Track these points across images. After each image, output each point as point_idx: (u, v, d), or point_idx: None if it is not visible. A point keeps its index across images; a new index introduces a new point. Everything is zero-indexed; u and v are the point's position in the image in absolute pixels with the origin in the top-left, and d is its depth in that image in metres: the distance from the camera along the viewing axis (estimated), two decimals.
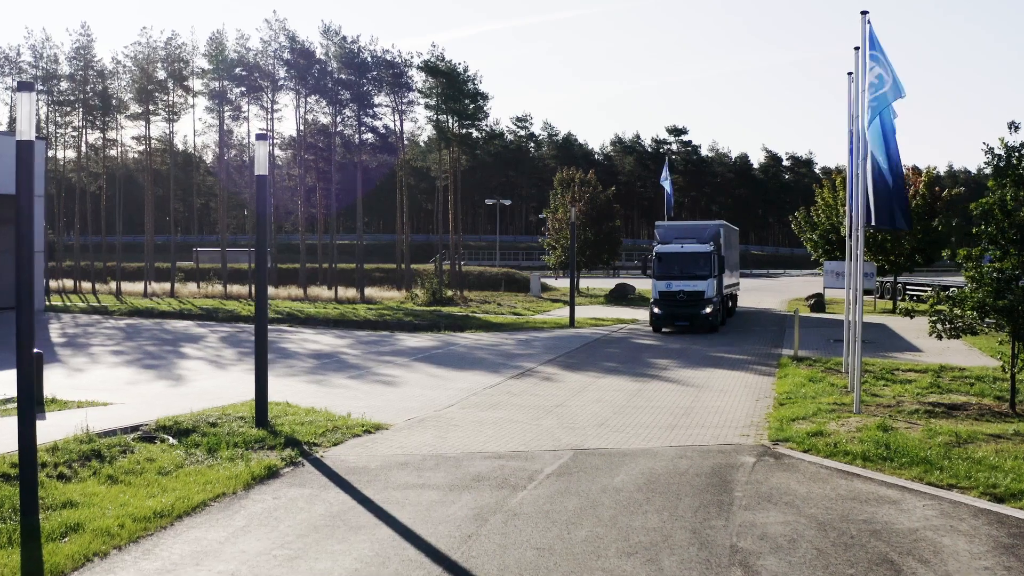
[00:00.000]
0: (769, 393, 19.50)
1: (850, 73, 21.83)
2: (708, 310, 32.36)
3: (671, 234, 35.23)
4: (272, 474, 12.35)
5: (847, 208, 21.73)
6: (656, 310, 32.79)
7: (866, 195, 16.78)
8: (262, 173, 15.29)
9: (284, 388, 20.61)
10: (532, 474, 12.33)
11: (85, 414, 15.47)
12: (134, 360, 26.08)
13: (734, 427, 15.68)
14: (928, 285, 50.63)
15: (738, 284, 45.02)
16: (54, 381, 21.23)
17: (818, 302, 44.12)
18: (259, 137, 15.30)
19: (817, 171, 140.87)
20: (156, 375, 23.16)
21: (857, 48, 19.50)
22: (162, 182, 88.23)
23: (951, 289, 47.75)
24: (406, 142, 63.99)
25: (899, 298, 48.19)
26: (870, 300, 47.44)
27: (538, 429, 15.62)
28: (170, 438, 14.70)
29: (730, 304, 39.23)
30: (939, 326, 17.18)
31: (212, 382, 21.84)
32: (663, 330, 32.80)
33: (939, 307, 17.30)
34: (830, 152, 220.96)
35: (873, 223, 16.89)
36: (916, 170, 46.75)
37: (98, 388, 20.36)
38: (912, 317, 18.36)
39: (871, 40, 16.79)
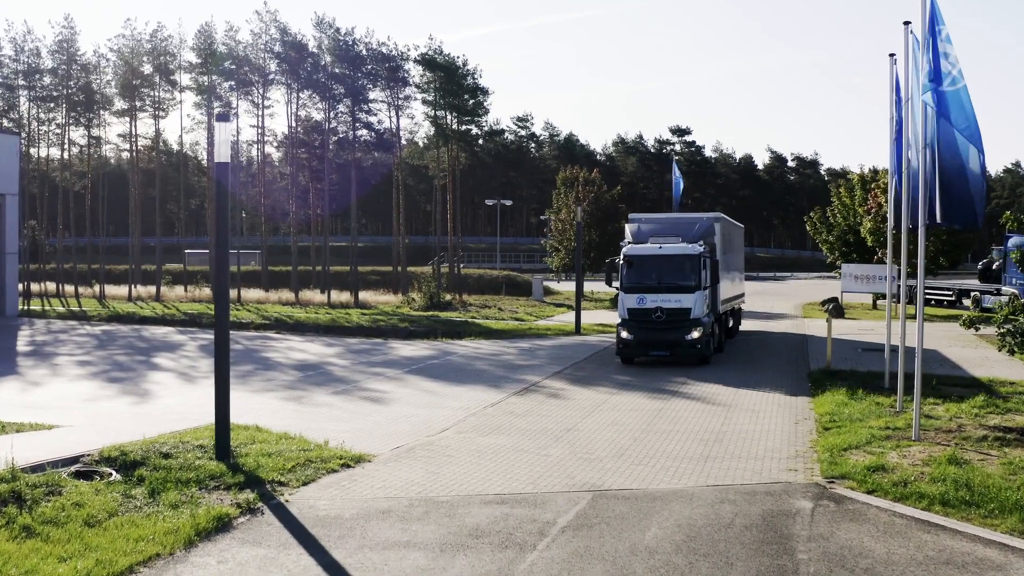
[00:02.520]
0: (808, 413, 17.21)
1: (892, 54, 19.59)
2: (695, 335, 23.80)
3: (648, 230, 26.59)
4: (223, 526, 10.03)
5: (890, 202, 19.39)
6: (624, 335, 24.25)
7: (929, 188, 14.46)
8: (223, 160, 13.01)
9: (258, 406, 18.37)
10: (543, 527, 10.02)
11: (12, 441, 13.17)
12: (100, 372, 23.76)
13: (777, 458, 13.39)
14: (948, 289, 48.34)
15: (742, 296, 35.26)
16: (3, 397, 19.00)
17: (836, 307, 41.74)
18: (220, 118, 13.01)
19: (822, 172, 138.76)
20: (120, 390, 20.85)
21: (907, 22, 17.25)
22: (154, 182, 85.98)
23: (973, 294, 45.70)
24: (403, 140, 61.60)
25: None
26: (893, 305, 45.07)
27: (547, 461, 13.31)
28: (113, 473, 12.44)
29: (731, 323, 30.72)
30: (1010, 339, 14.87)
31: (180, 399, 19.54)
32: (636, 361, 24.88)
33: (1014, 318, 14.95)
34: (836, 153, 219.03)
35: (940, 219, 14.55)
36: None
37: (51, 406, 18.11)
38: (978, 329, 16.03)
39: (933, 16, 14.36)
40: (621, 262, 24.82)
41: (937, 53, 13.90)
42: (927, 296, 48.13)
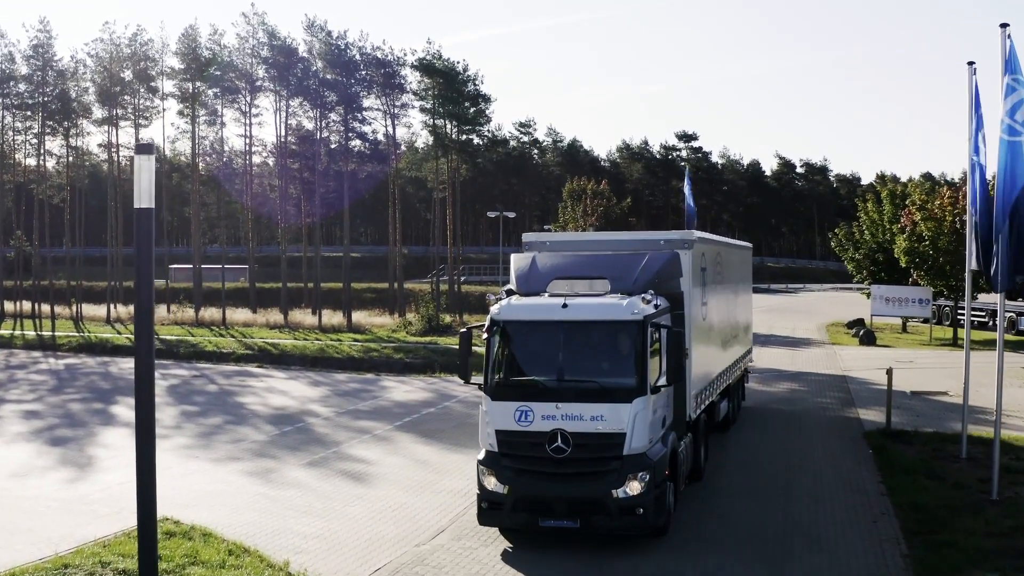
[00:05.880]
0: (879, 499, 14.10)
1: (971, 63, 16.56)
2: (633, 489, 11.64)
3: (551, 266, 13.90)
4: None
5: (969, 232, 16.25)
6: (490, 484, 12.09)
7: None
8: (146, 205, 9.88)
9: (218, 486, 15.36)
10: None
11: None
12: (44, 429, 20.67)
13: None
14: (980, 309, 45.37)
15: (749, 354, 23.17)
16: None
17: (867, 333, 38.65)
18: (140, 150, 9.87)
19: (832, 178, 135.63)
20: (60, 458, 17.77)
21: (1005, 25, 14.25)
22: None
23: (1008, 315, 42.63)
24: (401, 148, 58.53)
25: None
26: (925, 328, 42.08)
27: None
28: None
29: (726, 410, 18.77)
30: None
31: (127, 471, 16.26)
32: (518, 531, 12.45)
33: None
34: (845, 158, 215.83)
35: None
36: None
37: None
38: None
39: None
40: (486, 335, 12.62)
41: None
42: (958, 318, 45.06)
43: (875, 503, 13.99)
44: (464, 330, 13.21)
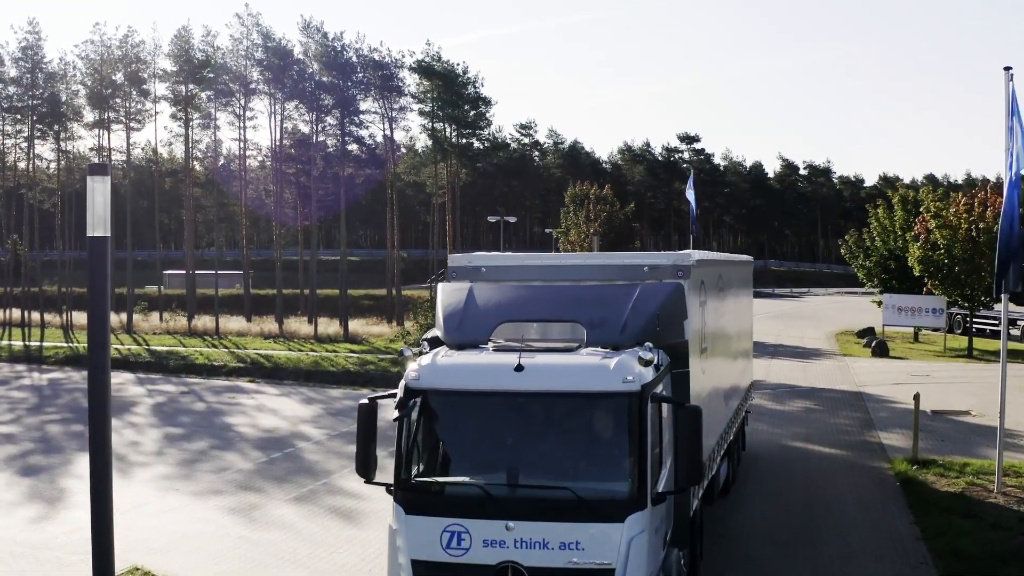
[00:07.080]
0: (915, 544, 12.94)
1: (1008, 68, 15.50)
2: None
3: (496, 301, 9.47)
4: None
5: (999, 242, 15.16)
6: None
7: None
8: (100, 234, 8.76)
9: (196, 526, 14.22)
10: None
11: None
12: (16, 456, 19.50)
13: None
14: (994, 317, 44.20)
15: (751, 389, 19.17)
16: None
17: (879, 344, 37.44)
18: (93, 171, 8.78)
19: (835, 180, 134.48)
20: (28, 491, 16.59)
21: None
22: (142, 194, 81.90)
23: (1020, 323, 41.48)
24: (400, 151, 57.46)
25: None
26: (937, 337, 40.94)
27: None
28: None
29: (725, 475, 14.33)
30: None
31: None
32: None
33: None
34: (848, 160, 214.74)
35: None
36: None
37: None
38: None
39: None
40: (398, 413, 8.44)
41: None
42: (975, 326, 43.79)
43: (911, 550, 12.81)
44: (365, 402, 8.62)
